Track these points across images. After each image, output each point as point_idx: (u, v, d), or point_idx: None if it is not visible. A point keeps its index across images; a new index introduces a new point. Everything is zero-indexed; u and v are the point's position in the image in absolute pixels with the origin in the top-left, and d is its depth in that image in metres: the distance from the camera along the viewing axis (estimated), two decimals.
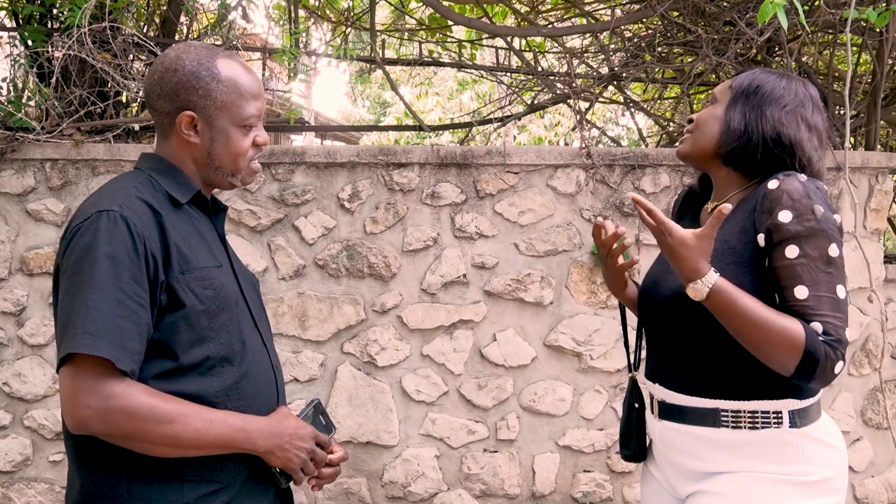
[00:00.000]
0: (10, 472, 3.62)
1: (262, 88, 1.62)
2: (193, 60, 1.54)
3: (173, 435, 1.38)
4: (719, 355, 1.58)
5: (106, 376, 1.35)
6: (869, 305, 3.65)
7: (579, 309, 3.71)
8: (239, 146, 1.57)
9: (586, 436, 3.72)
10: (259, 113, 1.60)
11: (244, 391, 1.52)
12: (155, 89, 1.56)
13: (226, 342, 1.51)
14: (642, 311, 1.82)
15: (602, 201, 3.71)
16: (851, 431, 3.77)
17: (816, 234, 1.49)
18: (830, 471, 1.55)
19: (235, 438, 1.45)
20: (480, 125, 5.15)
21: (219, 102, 1.54)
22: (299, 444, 1.53)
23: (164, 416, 1.37)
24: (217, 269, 1.54)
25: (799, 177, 1.54)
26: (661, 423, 1.70)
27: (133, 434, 1.37)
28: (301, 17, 4.89)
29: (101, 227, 1.40)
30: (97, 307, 1.35)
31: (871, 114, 4.15)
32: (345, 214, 3.67)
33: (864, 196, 3.78)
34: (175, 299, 1.44)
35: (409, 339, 3.68)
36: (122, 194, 1.47)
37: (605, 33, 4.31)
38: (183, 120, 1.54)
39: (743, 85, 1.69)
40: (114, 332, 1.35)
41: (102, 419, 1.35)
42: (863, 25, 3.86)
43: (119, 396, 1.35)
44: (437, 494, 3.71)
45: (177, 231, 1.49)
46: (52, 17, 4.06)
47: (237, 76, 1.56)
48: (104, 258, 1.37)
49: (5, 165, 3.58)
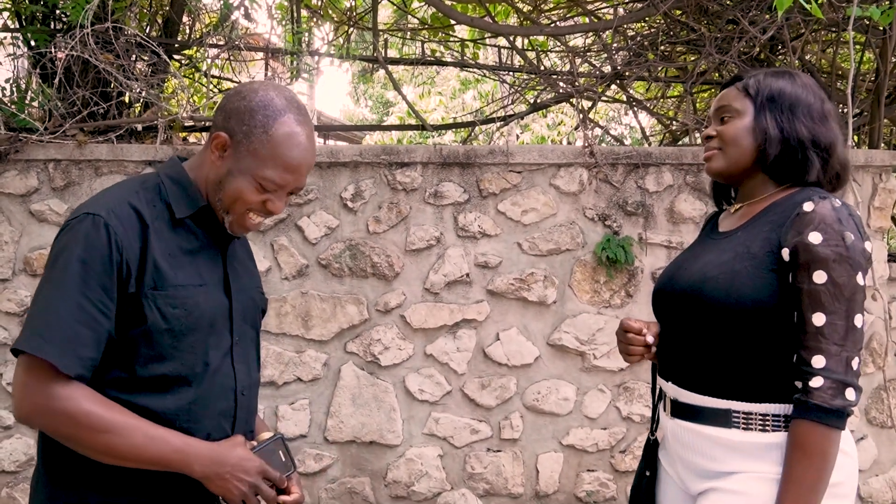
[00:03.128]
0: (14, 473, 3.63)
1: (304, 166, 1.57)
2: (263, 100, 1.54)
3: (109, 445, 1.40)
4: (733, 356, 1.58)
5: (52, 377, 1.38)
6: (873, 304, 3.64)
7: (582, 308, 3.70)
8: (245, 196, 1.54)
9: (590, 435, 3.72)
10: (283, 185, 1.55)
11: (195, 414, 1.52)
12: (223, 102, 1.58)
13: (187, 363, 1.51)
14: (657, 308, 1.82)
15: (605, 200, 3.70)
16: (856, 430, 3.77)
17: (843, 261, 1.50)
18: (840, 476, 1.54)
19: (172, 459, 1.44)
20: (483, 124, 5.15)
21: (251, 148, 1.52)
22: (241, 475, 1.49)
23: (101, 425, 1.39)
24: (196, 289, 1.53)
25: (834, 201, 1.54)
26: (674, 421, 1.70)
27: (70, 436, 1.41)
28: (304, 17, 4.88)
29: (82, 230, 1.42)
30: (56, 310, 1.39)
31: (875, 112, 4.14)
32: (348, 214, 3.67)
33: (868, 194, 3.77)
34: (139, 314, 1.45)
35: (412, 338, 3.68)
36: (115, 199, 1.49)
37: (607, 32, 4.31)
38: (217, 139, 1.54)
39: (763, 91, 1.67)
40: (66, 337, 1.38)
41: (43, 416, 1.40)
42: (866, 24, 3.85)
43: (60, 398, 1.38)
44: (440, 494, 3.71)
45: (162, 244, 1.50)
46: (55, 18, 4.07)
47: (286, 142, 1.53)
48: (76, 262, 1.40)
49: (9, 166, 3.58)
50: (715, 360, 1.61)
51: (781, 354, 1.56)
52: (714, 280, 1.59)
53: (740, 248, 1.61)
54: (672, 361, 1.72)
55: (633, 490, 1.89)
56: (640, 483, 1.86)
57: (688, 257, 1.80)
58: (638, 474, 1.88)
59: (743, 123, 1.68)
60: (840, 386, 1.48)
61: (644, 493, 1.83)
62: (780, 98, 1.66)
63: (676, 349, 1.71)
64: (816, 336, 1.50)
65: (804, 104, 1.66)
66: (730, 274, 1.58)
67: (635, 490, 1.87)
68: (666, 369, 1.75)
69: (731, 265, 1.58)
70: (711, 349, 1.61)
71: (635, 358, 1.81)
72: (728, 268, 1.59)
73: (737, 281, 1.56)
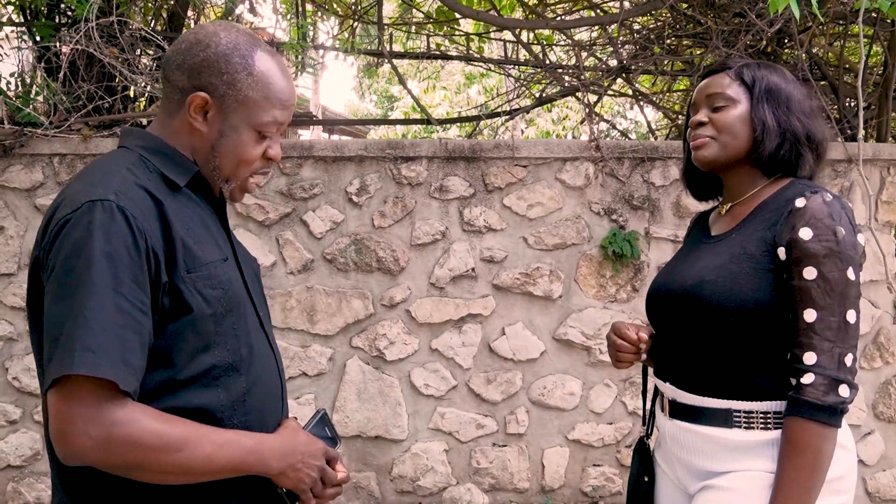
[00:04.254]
0: (20, 467, 3.64)
1: (294, 98, 1.43)
2: (230, 42, 1.36)
3: (183, 463, 1.22)
4: (733, 357, 1.57)
5: (107, 400, 1.16)
6: (881, 298, 3.63)
7: (588, 302, 3.69)
8: (247, 152, 1.39)
9: (596, 430, 3.71)
10: (282, 123, 1.41)
11: (252, 404, 1.37)
12: (176, 58, 1.37)
13: (233, 348, 1.34)
14: (651, 311, 1.80)
15: (611, 194, 3.69)
16: (863, 425, 3.75)
17: (833, 256, 1.48)
18: (839, 470, 1.53)
19: (247, 461, 1.29)
20: (489, 118, 5.14)
21: (241, 96, 1.36)
22: (311, 461, 1.37)
23: (174, 443, 1.20)
24: (223, 264, 1.36)
25: (825, 195, 1.53)
26: (672, 422, 1.69)
27: (137, 465, 1.20)
28: (308, 11, 4.88)
29: (95, 220, 1.19)
30: (97, 317, 1.15)
31: (883, 105, 4.12)
32: (353, 208, 3.66)
33: (876, 188, 3.75)
34: (181, 303, 1.26)
35: (417, 333, 3.68)
36: (116, 180, 1.26)
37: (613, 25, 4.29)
38: (195, 101, 1.35)
39: (760, 82, 1.66)
40: (116, 347, 1.15)
41: (104, 450, 1.16)
42: (874, 16, 3.82)
43: (123, 423, 1.16)
44: (446, 489, 3.71)
45: (180, 221, 1.30)
46: (60, 12, 4.06)
47: (272, 75, 1.38)
48: (101, 257, 1.17)
49: (14, 160, 3.58)
50: (715, 361, 1.60)
51: (781, 353, 1.55)
52: (713, 283, 1.57)
53: (736, 249, 1.59)
54: (670, 363, 1.71)
55: (630, 494, 1.87)
56: (638, 488, 1.83)
57: (681, 261, 1.77)
58: (634, 478, 1.86)
59: (738, 112, 1.65)
60: (832, 382, 1.46)
61: (644, 498, 1.81)
62: (777, 91, 1.65)
63: (674, 351, 1.69)
64: (808, 332, 1.49)
65: (796, 99, 1.65)
66: (729, 276, 1.56)
67: (633, 494, 1.85)
68: (663, 370, 1.73)
69: (730, 267, 1.57)
70: (711, 350, 1.60)
71: (625, 365, 1.80)
72: (726, 270, 1.57)
73: (737, 283, 1.55)
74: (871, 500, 3.79)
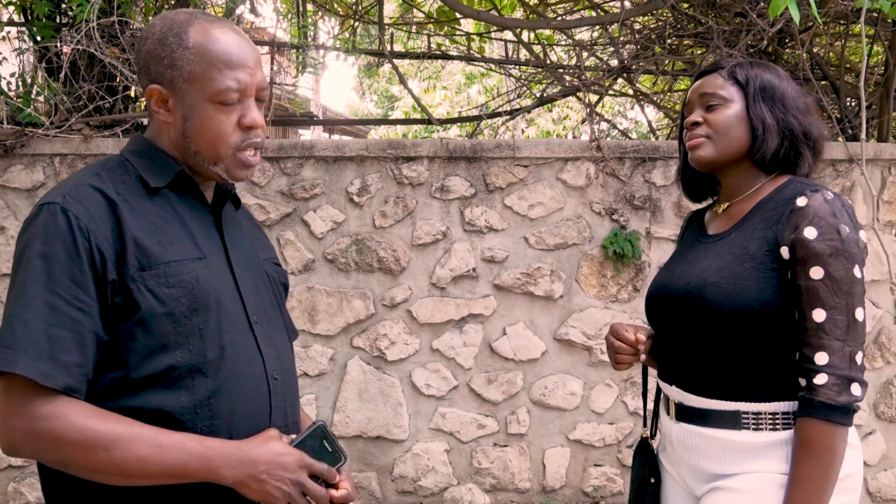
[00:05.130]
0: (20, 467, 3.63)
1: (247, 57, 1.35)
2: (164, 26, 1.33)
3: (112, 462, 1.19)
4: (739, 358, 1.57)
5: (33, 395, 1.17)
6: (882, 298, 3.62)
7: (589, 302, 3.69)
8: (215, 126, 1.33)
9: (597, 430, 3.71)
10: (241, 86, 1.33)
11: (218, 408, 1.29)
12: (136, 60, 1.36)
13: (196, 349, 1.28)
14: (652, 314, 1.79)
15: (612, 194, 3.69)
16: (864, 425, 3.75)
17: (839, 255, 1.48)
18: (847, 469, 1.53)
19: (192, 467, 1.22)
20: (490, 118, 5.14)
21: (186, 73, 1.31)
22: (280, 473, 1.26)
23: (99, 441, 1.18)
24: (196, 262, 1.32)
25: (825, 193, 1.53)
26: (679, 426, 1.67)
27: (63, 461, 1.20)
28: (309, 11, 4.87)
29: (40, 223, 1.23)
30: (20, 315, 1.18)
31: (884, 105, 4.12)
32: (354, 208, 3.66)
33: (877, 188, 3.75)
34: (130, 301, 1.25)
35: (418, 333, 3.68)
36: (72, 183, 1.29)
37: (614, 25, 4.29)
38: (152, 95, 1.33)
39: (753, 81, 1.65)
40: (41, 344, 1.17)
41: (30, 443, 1.19)
42: (875, 16, 3.82)
43: (46, 419, 1.17)
44: (447, 489, 3.71)
45: (141, 221, 1.29)
46: (61, 12, 4.06)
47: (209, 42, 1.32)
48: (36, 258, 1.20)
49: (14, 160, 3.58)
50: (721, 363, 1.59)
51: (787, 353, 1.54)
52: (716, 285, 1.56)
53: (737, 249, 1.58)
54: (675, 366, 1.70)
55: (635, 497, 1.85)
56: (643, 491, 1.82)
57: (680, 262, 1.76)
58: (639, 480, 1.84)
59: (733, 111, 1.64)
60: (845, 382, 1.46)
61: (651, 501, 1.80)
62: (772, 89, 1.64)
63: (679, 354, 1.68)
64: (818, 332, 1.48)
65: (790, 97, 1.64)
66: (732, 277, 1.55)
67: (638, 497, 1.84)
68: (668, 373, 1.72)
69: (732, 268, 1.56)
70: (717, 352, 1.59)
71: (624, 367, 1.79)
72: (729, 271, 1.56)
73: (741, 284, 1.54)
74: (872, 499, 3.79)
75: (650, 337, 1.79)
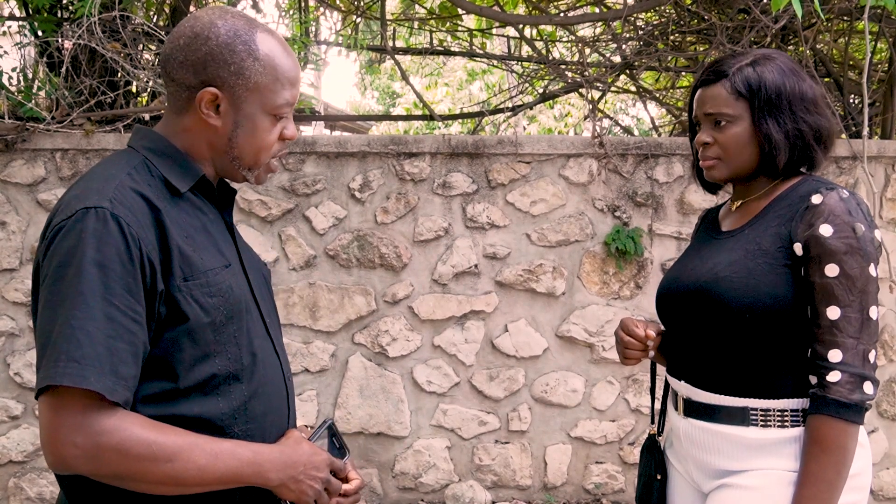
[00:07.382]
0: (22, 462, 3.63)
1: (299, 74, 1.40)
2: (230, 30, 1.32)
3: (174, 474, 1.19)
4: (749, 354, 1.56)
5: (95, 409, 1.14)
6: (884, 296, 3.61)
7: (591, 299, 3.68)
8: (265, 138, 1.36)
9: (598, 427, 3.70)
10: (293, 102, 1.38)
11: (253, 412, 1.33)
12: (178, 56, 1.32)
13: (234, 356, 1.31)
14: (663, 309, 1.78)
15: (615, 191, 3.68)
16: (866, 423, 3.74)
17: (854, 253, 1.48)
18: (856, 467, 1.53)
19: (244, 473, 1.25)
20: (492, 115, 5.12)
21: (251, 83, 1.32)
22: (314, 473, 1.33)
23: (163, 453, 1.18)
24: (225, 270, 1.33)
25: (841, 192, 1.52)
26: (687, 421, 1.67)
27: (127, 475, 1.18)
28: (311, 7, 4.86)
29: (88, 228, 1.17)
30: (84, 327, 1.14)
31: (888, 102, 4.11)
32: (356, 204, 3.65)
33: (881, 185, 3.74)
34: (177, 312, 1.24)
35: (420, 329, 3.67)
36: (113, 185, 1.23)
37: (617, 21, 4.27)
38: (205, 97, 1.32)
39: (758, 92, 1.59)
40: (104, 358, 1.14)
41: (91, 459, 1.15)
42: (879, 13, 3.81)
43: (110, 433, 1.14)
44: (448, 486, 3.70)
45: (179, 228, 1.28)
46: (62, 7, 4.05)
47: (277, 56, 1.35)
48: (91, 266, 1.16)
49: (16, 155, 3.57)
50: (731, 358, 1.58)
51: (797, 350, 1.54)
52: (727, 280, 1.56)
53: (750, 245, 1.58)
54: (684, 361, 1.70)
55: (642, 493, 1.84)
56: (650, 487, 1.81)
57: (692, 257, 1.75)
58: (645, 476, 1.84)
59: (742, 129, 1.61)
60: (858, 380, 1.46)
61: (657, 497, 1.80)
62: (778, 97, 1.59)
63: (688, 349, 1.68)
64: (832, 330, 1.48)
65: (797, 96, 1.60)
66: (744, 272, 1.55)
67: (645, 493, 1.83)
68: (677, 368, 1.72)
69: (744, 263, 1.55)
70: (727, 348, 1.58)
71: (632, 362, 1.79)
72: (741, 266, 1.56)
73: (752, 279, 1.53)
74: (875, 497, 3.79)
75: (659, 333, 1.78)
